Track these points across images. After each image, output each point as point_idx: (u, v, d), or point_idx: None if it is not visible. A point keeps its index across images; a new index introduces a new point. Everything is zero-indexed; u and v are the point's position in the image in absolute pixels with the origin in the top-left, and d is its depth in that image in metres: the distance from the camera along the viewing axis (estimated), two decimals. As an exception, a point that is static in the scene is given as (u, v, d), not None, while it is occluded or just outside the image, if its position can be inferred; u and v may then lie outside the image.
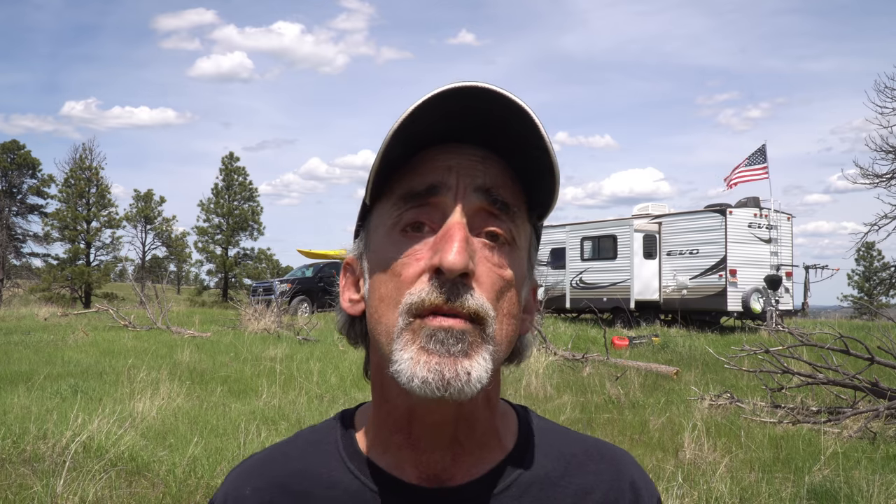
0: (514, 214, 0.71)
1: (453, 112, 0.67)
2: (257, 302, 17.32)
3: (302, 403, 7.37)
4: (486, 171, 0.70)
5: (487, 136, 0.70)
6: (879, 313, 15.59)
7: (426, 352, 0.65)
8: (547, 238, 21.08)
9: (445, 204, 0.68)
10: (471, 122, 0.69)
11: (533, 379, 8.71)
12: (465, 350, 0.65)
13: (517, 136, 0.68)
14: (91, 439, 5.20)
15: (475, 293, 0.66)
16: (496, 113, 0.67)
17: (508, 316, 0.69)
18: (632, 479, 0.80)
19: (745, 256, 17.09)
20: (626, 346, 13.20)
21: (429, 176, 0.69)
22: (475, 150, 0.71)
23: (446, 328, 0.65)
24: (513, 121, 0.67)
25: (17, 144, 41.90)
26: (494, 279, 0.68)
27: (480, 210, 0.69)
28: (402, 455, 0.74)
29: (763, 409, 7.17)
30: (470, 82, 0.65)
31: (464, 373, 0.64)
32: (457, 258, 0.64)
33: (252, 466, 0.81)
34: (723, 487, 4.41)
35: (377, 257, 0.72)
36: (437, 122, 0.68)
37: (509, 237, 0.70)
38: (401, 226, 0.70)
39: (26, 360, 10.27)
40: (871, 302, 42.38)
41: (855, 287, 51.54)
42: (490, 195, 0.69)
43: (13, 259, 39.91)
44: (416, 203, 0.69)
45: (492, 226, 0.69)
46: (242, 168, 43.08)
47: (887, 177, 20.09)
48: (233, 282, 43.18)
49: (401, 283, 0.68)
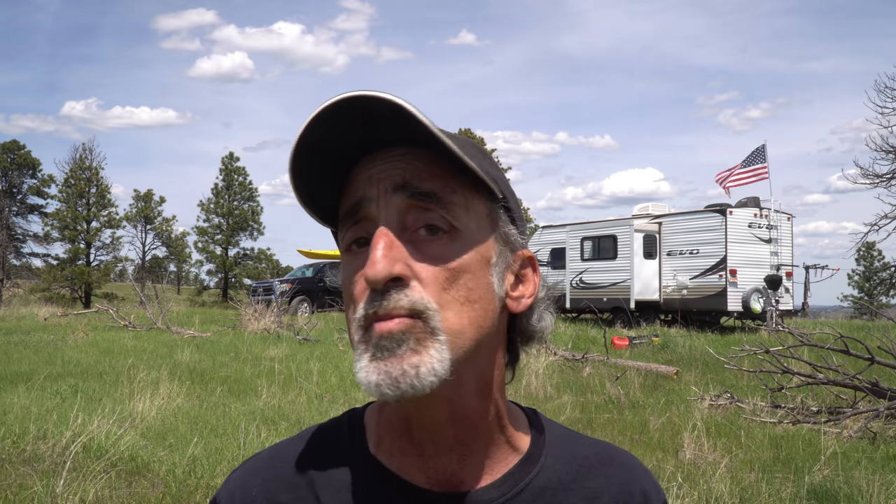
0: (446, 200, 0.69)
1: (342, 125, 0.68)
2: (257, 302, 17.31)
3: (302, 403, 7.37)
4: (407, 167, 0.70)
5: (399, 135, 0.69)
6: (879, 313, 15.60)
7: (375, 359, 0.66)
8: (547, 238, 21.10)
9: (374, 215, 0.69)
10: (387, 129, 0.68)
11: (533, 379, 8.70)
12: (412, 347, 0.65)
13: (408, 131, 0.67)
14: (91, 439, 5.20)
15: (409, 291, 0.66)
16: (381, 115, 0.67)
17: (466, 302, 0.69)
18: (641, 484, 0.80)
19: (745, 256, 17.09)
20: (626, 346, 13.20)
21: (355, 192, 0.71)
22: (398, 149, 0.71)
23: (385, 333, 0.66)
24: (396, 119, 0.66)
25: (17, 144, 41.94)
26: (435, 272, 0.68)
27: (410, 207, 0.69)
28: (408, 460, 0.74)
29: (763, 409, 7.17)
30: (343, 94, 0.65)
31: (411, 368, 0.65)
32: (376, 268, 0.65)
33: (258, 465, 0.79)
34: (723, 487, 4.41)
35: (340, 279, 0.74)
36: (334, 140, 0.69)
37: (446, 225, 0.69)
38: (345, 245, 0.72)
39: (26, 360, 10.27)
40: (872, 302, 42.38)
41: (855, 287, 51.60)
42: (409, 189, 0.69)
43: (13, 259, 39.93)
44: (351, 222, 0.71)
45: (425, 219, 0.69)
46: (242, 168, 43.14)
47: (887, 177, 20.09)
48: (233, 282, 43.19)
49: (352, 300, 0.69)
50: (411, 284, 0.67)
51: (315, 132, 0.68)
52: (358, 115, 0.67)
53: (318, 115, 0.67)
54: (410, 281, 0.67)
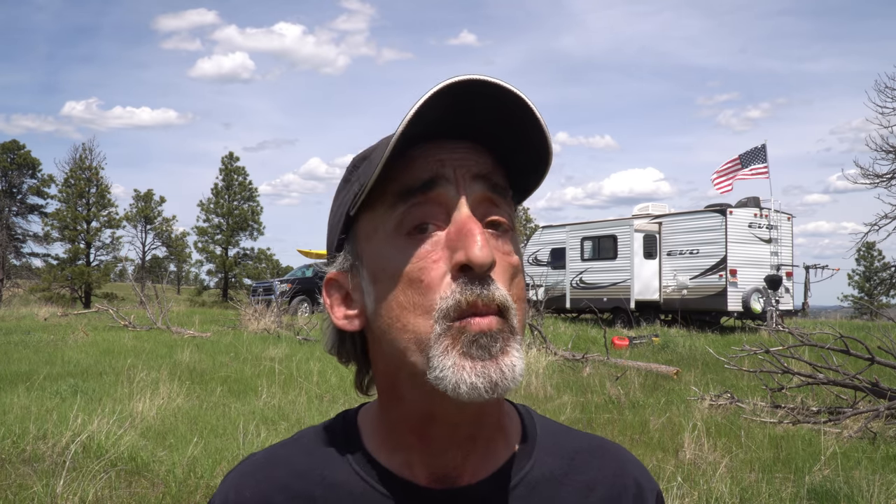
0: (510, 200, 0.71)
1: (449, 106, 0.66)
2: (257, 302, 17.31)
3: (302, 403, 7.37)
4: (479, 158, 0.70)
5: (470, 128, 0.69)
6: (880, 313, 15.60)
7: (469, 357, 0.64)
8: (547, 238, 21.10)
9: (447, 198, 0.67)
10: (464, 117, 0.68)
11: (533, 379, 8.70)
12: (503, 347, 0.65)
13: (516, 126, 0.67)
14: (91, 439, 5.20)
15: (499, 285, 0.66)
16: (494, 105, 0.66)
17: (520, 301, 0.69)
18: (634, 474, 0.81)
19: (745, 256, 17.09)
20: (626, 346, 13.20)
21: (422, 171, 0.68)
22: (460, 141, 0.70)
23: (485, 330, 0.64)
24: (506, 107, 0.66)
25: (17, 144, 41.92)
26: (506, 268, 0.68)
27: (483, 199, 0.68)
28: (412, 457, 0.73)
29: (763, 409, 7.17)
30: (463, 76, 0.63)
31: (508, 370, 0.64)
32: (485, 251, 0.63)
33: (253, 467, 0.79)
34: (723, 487, 4.41)
35: (382, 266, 0.69)
36: (433, 120, 0.66)
37: (510, 223, 0.70)
38: (405, 229, 0.67)
39: (26, 360, 10.27)
40: (872, 302, 42.36)
41: (855, 287, 51.56)
42: (489, 181, 0.69)
43: (13, 259, 39.91)
44: (415, 200, 0.67)
45: (493, 215, 0.69)
46: (242, 168, 43.09)
47: (887, 177, 20.08)
48: (233, 282, 43.16)
49: (425, 288, 0.66)
50: (495, 278, 0.66)
51: (432, 105, 0.64)
52: (467, 101, 0.65)
53: (448, 87, 0.63)
54: (493, 273, 0.66)
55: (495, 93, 0.65)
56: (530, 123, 0.66)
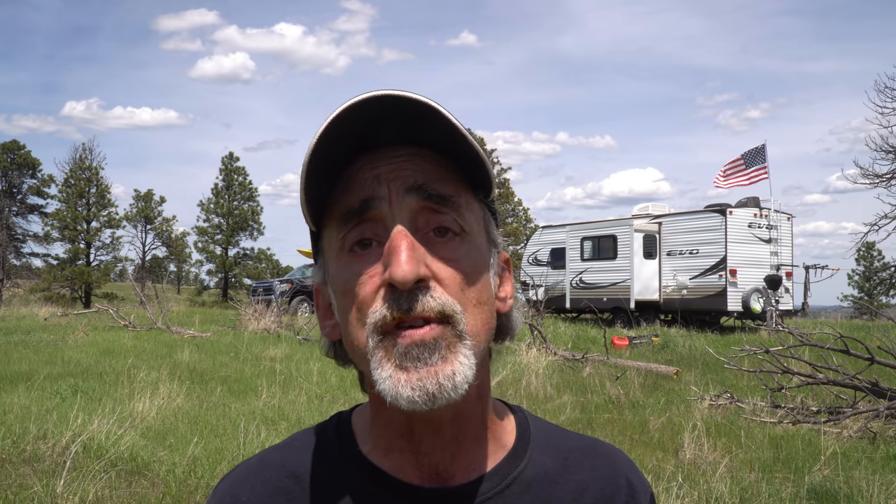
0: (456, 203, 0.70)
1: (365, 121, 0.66)
2: (257, 302, 17.31)
3: (302, 403, 7.37)
4: (416, 168, 0.69)
5: (404, 136, 0.69)
6: (879, 313, 15.59)
7: (404, 370, 0.64)
8: (547, 238, 21.10)
9: (383, 215, 0.68)
10: (385, 129, 0.68)
11: (533, 379, 8.70)
12: (443, 355, 0.64)
13: (433, 130, 0.67)
14: (91, 439, 5.20)
15: (436, 293, 0.65)
16: (406, 114, 0.66)
17: (478, 304, 0.69)
18: (627, 475, 0.81)
19: (745, 256, 17.09)
20: (626, 346, 13.20)
21: (360, 191, 0.68)
22: (400, 149, 0.70)
23: (417, 342, 0.64)
24: (424, 118, 0.66)
25: (17, 144, 41.93)
26: (452, 274, 0.67)
27: (422, 209, 0.68)
28: (403, 457, 0.74)
29: (763, 409, 7.17)
30: (371, 92, 0.64)
31: (447, 380, 0.63)
32: (405, 268, 0.63)
33: (247, 472, 0.79)
34: (723, 487, 4.41)
35: (336, 282, 0.71)
36: (352, 137, 0.67)
37: (457, 227, 0.69)
38: (347, 247, 0.69)
39: (26, 360, 10.27)
40: (872, 302, 42.36)
41: (855, 287, 51.58)
42: (423, 192, 0.68)
43: (13, 259, 39.89)
44: (355, 222, 0.69)
45: (436, 221, 0.68)
46: (242, 168, 43.12)
47: (887, 177, 20.08)
48: (233, 282, 43.17)
49: (361, 302, 0.67)
50: (432, 286, 0.66)
51: (336, 130, 0.66)
52: (368, 114, 0.66)
53: (346, 110, 0.64)
54: (430, 282, 0.66)
55: (401, 103, 0.65)
56: (441, 121, 0.66)
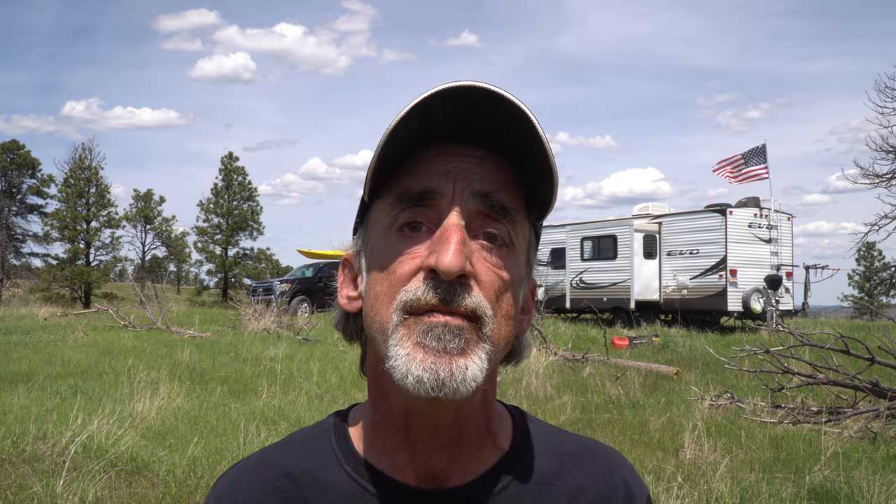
0: (513, 217, 0.71)
1: (450, 112, 0.67)
2: (257, 302, 17.31)
3: (302, 403, 7.37)
4: (484, 173, 0.70)
5: (487, 136, 0.70)
6: (880, 313, 15.59)
7: (422, 348, 0.64)
8: (547, 238, 21.08)
9: (441, 207, 0.68)
10: (470, 123, 0.68)
11: (533, 379, 8.70)
12: (462, 347, 0.64)
13: (517, 138, 0.68)
14: (91, 439, 5.20)
15: (473, 293, 0.66)
16: (496, 114, 0.67)
17: (506, 317, 0.69)
18: (624, 478, 0.81)
19: (745, 256, 17.09)
20: (626, 346, 13.20)
21: (425, 179, 0.69)
22: (473, 149, 0.70)
23: (443, 323, 0.64)
24: (512, 123, 0.67)
25: (16, 144, 41.92)
26: (493, 279, 0.68)
27: (479, 213, 0.69)
28: (399, 456, 0.74)
29: (763, 409, 7.17)
30: (469, 82, 0.64)
31: (459, 371, 0.64)
32: (453, 260, 0.63)
33: (244, 471, 0.79)
34: (723, 487, 4.41)
35: (374, 255, 0.72)
36: (436, 121, 0.67)
37: (507, 239, 0.70)
38: (397, 225, 0.70)
39: (26, 360, 10.27)
40: (872, 302, 42.36)
41: (855, 287, 51.55)
42: (488, 199, 0.69)
43: (13, 259, 39.89)
44: (411, 204, 0.69)
45: (490, 227, 0.69)
46: (242, 168, 43.08)
47: (887, 177, 20.08)
48: (233, 282, 43.14)
49: (395, 280, 0.68)
50: (472, 285, 0.66)
51: (435, 105, 0.65)
52: (476, 109, 0.66)
53: (452, 89, 0.64)
54: (470, 281, 0.66)
55: (496, 101, 0.65)
56: (529, 130, 0.66)
